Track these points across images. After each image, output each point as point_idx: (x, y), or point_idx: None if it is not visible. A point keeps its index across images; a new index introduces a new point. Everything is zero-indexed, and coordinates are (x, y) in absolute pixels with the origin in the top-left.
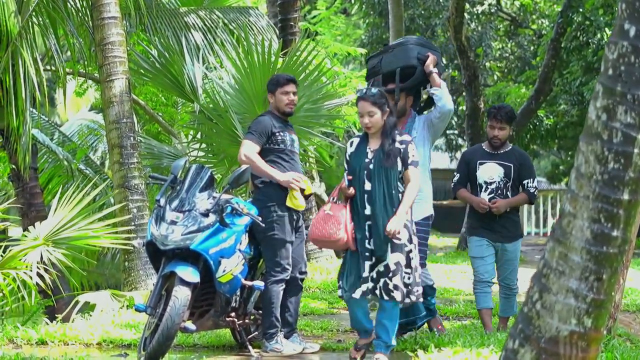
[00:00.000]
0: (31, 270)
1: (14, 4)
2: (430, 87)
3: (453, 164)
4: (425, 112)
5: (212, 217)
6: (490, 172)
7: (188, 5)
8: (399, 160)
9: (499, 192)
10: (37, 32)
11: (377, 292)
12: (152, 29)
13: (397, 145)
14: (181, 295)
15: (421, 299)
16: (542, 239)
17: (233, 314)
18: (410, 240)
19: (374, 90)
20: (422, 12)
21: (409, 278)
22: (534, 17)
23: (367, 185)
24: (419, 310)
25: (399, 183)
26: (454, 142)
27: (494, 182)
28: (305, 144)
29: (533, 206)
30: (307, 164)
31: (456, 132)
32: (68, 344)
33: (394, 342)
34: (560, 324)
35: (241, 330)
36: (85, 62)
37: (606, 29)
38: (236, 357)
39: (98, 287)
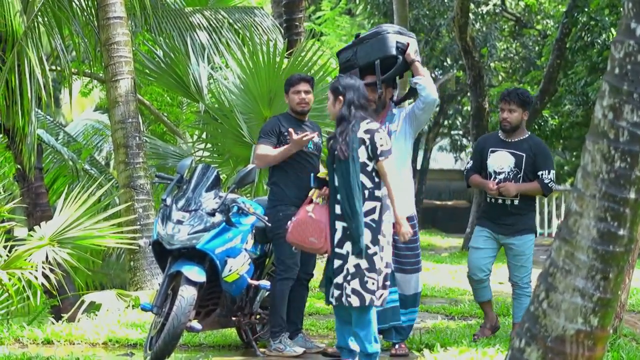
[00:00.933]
0: (36, 270)
1: (20, 4)
2: (413, 76)
3: (458, 165)
4: (401, 105)
5: (218, 217)
6: (500, 161)
7: (193, 5)
8: (362, 151)
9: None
10: (42, 32)
11: (343, 299)
12: (157, 29)
13: (361, 134)
14: (187, 294)
15: (386, 304)
16: (547, 240)
17: (239, 314)
18: (374, 242)
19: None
20: (427, 12)
21: (373, 284)
22: (538, 17)
23: (337, 181)
24: (398, 317)
25: (365, 177)
26: (459, 142)
27: (503, 172)
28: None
29: (538, 207)
30: None
31: (461, 132)
32: (74, 344)
33: (374, 349)
34: (566, 322)
35: (247, 330)
36: (91, 62)
37: (611, 29)
38: (242, 356)
39: (103, 287)
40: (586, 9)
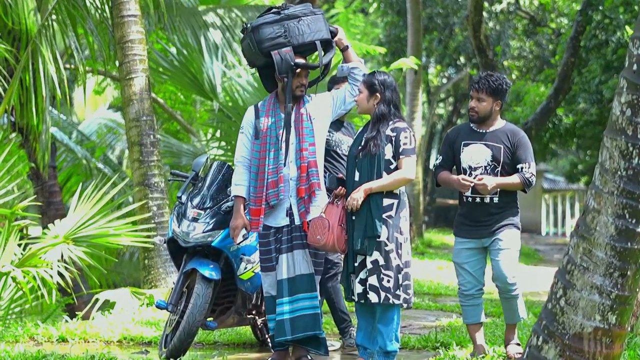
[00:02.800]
0: (51, 269)
1: (34, 2)
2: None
3: None
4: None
5: None
6: (475, 155)
7: (206, 3)
8: (389, 149)
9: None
10: (56, 30)
11: (368, 295)
12: (171, 27)
13: (388, 132)
14: (202, 292)
15: (410, 305)
16: (561, 239)
17: (254, 312)
18: (390, 239)
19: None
20: (441, 10)
21: (388, 281)
22: (552, 15)
23: (357, 176)
24: (320, 326)
25: (385, 174)
26: None
27: (480, 166)
28: None
29: (551, 206)
30: None
31: None
32: (88, 341)
33: (393, 347)
34: (584, 320)
35: (262, 328)
36: (105, 60)
37: (626, 27)
38: (257, 354)
39: (116, 286)
40: (600, 7)
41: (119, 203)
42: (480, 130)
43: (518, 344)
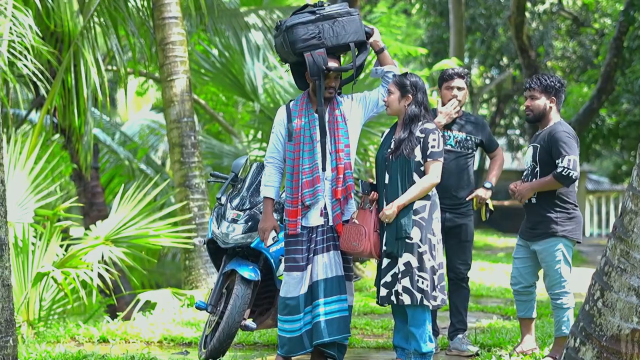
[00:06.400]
0: (92, 270)
1: (76, 4)
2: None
3: (514, 164)
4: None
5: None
6: (527, 157)
7: (248, 5)
8: (418, 150)
9: (527, 181)
10: (98, 32)
11: (392, 297)
12: (212, 29)
13: (418, 134)
14: (242, 293)
15: (444, 304)
16: (604, 240)
17: None
18: (423, 241)
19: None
20: (483, 11)
21: (422, 282)
22: (595, 15)
23: (387, 179)
24: (348, 329)
25: (417, 176)
26: (515, 142)
27: (527, 168)
28: (366, 143)
29: (595, 207)
30: (368, 163)
31: (517, 132)
32: (129, 342)
33: (428, 348)
34: (621, 322)
35: None
36: (146, 62)
37: None
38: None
39: (158, 287)
40: None
41: (161, 204)
42: (537, 133)
43: None
